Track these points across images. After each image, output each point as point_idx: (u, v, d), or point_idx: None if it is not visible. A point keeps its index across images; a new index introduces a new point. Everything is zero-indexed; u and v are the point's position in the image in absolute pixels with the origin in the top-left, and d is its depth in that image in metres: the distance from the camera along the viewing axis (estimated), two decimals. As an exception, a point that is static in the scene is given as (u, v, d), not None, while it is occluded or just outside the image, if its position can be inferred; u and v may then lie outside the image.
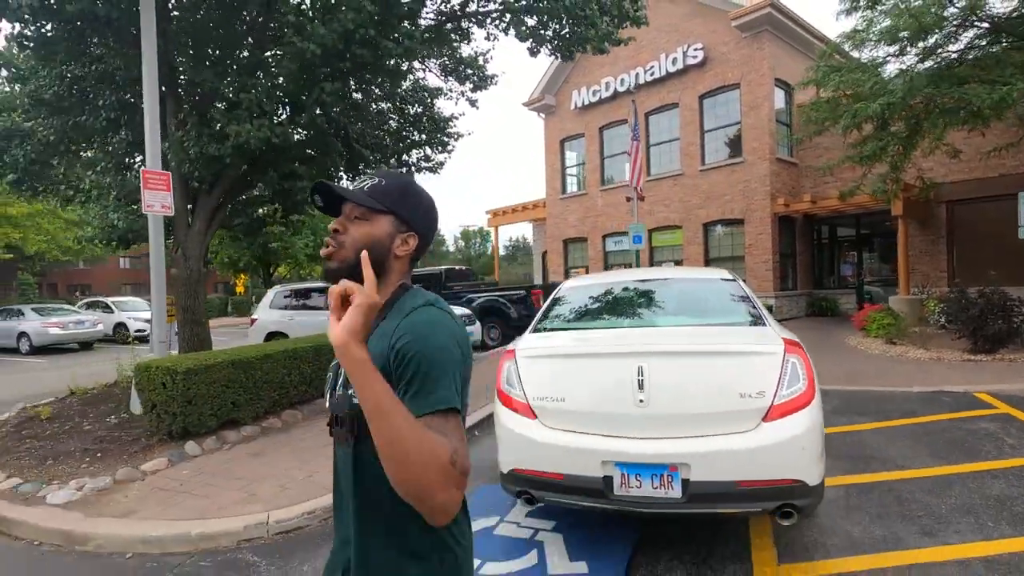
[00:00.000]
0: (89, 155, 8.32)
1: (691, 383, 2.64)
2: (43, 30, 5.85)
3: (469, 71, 9.36)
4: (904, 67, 8.75)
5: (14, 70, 7.51)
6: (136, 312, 19.62)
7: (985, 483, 3.71)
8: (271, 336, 10.37)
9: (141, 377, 4.81)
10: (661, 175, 16.69)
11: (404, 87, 9.54)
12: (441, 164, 10.79)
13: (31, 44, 6.47)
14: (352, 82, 7.35)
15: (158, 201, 5.74)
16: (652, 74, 16.46)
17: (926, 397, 6.06)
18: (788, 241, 15.04)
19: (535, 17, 6.77)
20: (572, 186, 20.15)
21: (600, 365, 2.79)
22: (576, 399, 2.76)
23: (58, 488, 4.01)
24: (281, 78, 6.77)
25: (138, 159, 7.86)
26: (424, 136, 10.27)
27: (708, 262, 15.72)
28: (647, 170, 17.23)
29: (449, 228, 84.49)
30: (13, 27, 6.40)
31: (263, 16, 6.87)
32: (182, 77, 6.95)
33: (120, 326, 18.70)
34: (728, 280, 3.71)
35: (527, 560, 3.01)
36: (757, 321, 3.14)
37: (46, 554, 3.37)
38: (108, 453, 4.68)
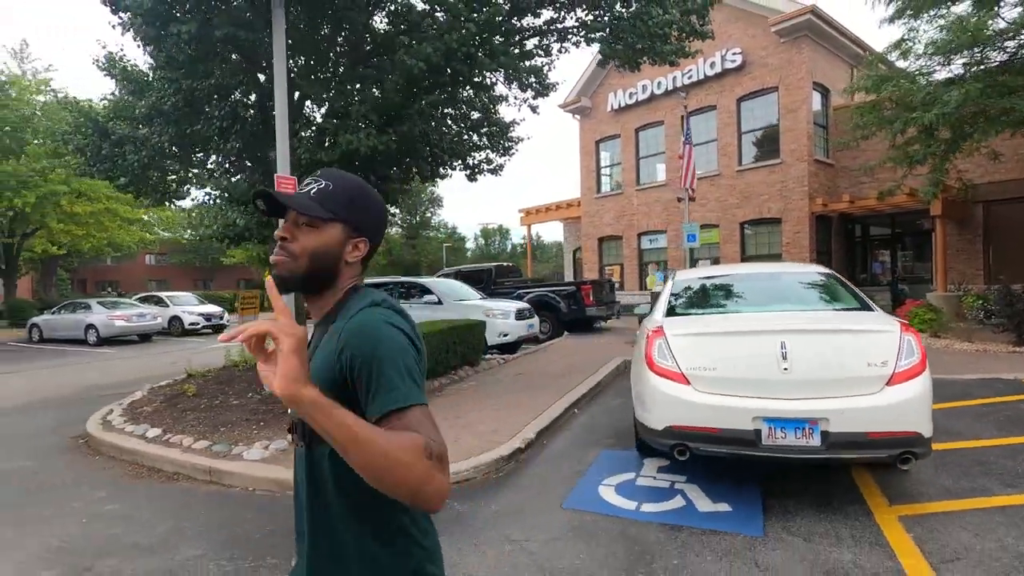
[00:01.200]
0: (199, 158, 9.09)
1: (826, 355, 3.28)
2: (188, 51, 6.56)
3: (532, 79, 10.00)
4: (951, 75, 9.24)
5: (134, 83, 8.27)
6: (188, 306, 20.55)
7: (1052, 449, 4.29)
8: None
9: (296, 357, 5.51)
10: (698, 175, 17.17)
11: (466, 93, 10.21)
12: (501, 167, 11.43)
13: (162, 63, 7.24)
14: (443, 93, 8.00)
15: (288, 203, 6.45)
16: (690, 77, 16.98)
17: (980, 383, 6.60)
18: (824, 239, 15.51)
19: (615, 33, 7.38)
20: (606, 186, 20.73)
21: (749, 341, 3.43)
22: (727, 368, 3.40)
23: (246, 448, 4.72)
24: (382, 91, 7.44)
25: (247, 164, 8.59)
26: (485, 140, 10.92)
27: (744, 260, 16.23)
28: (683, 170, 17.78)
29: (469, 226, 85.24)
30: (146, 48, 7.18)
31: (371, 34, 7.57)
32: (296, 92, 7.67)
33: (175, 319, 19.59)
34: (827, 274, 4.33)
35: (675, 503, 3.66)
36: (865, 307, 3.76)
37: (263, 497, 4.08)
38: (268, 422, 5.41)
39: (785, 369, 3.26)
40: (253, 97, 8.38)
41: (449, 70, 6.94)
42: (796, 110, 14.93)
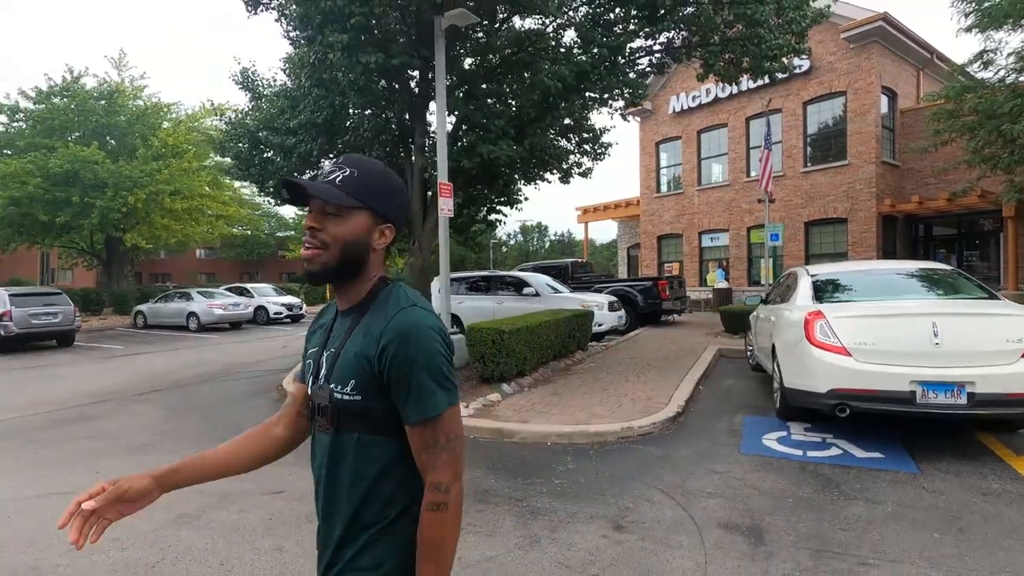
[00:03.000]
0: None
1: (971, 332, 4.13)
2: (339, 61, 7.60)
3: (626, 89, 10.89)
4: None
5: (287, 99, 9.47)
6: (271, 297, 22.08)
7: None
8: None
9: (473, 337, 6.57)
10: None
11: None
12: (591, 170, 12.34)
13: (315, 82, 8.40)
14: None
15: (447, 205, 7.52)
16: (756, 82, 17.53)
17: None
18: (890, 239, 15.97)
19: (723, 53, 8.21)
20: (664, 185, 21.43)
21: (904, 321, 4.31)
22: (886, 342, 4.28)
23: (450, 407, 5.78)
24: (518, 106, 8.45)
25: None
26: (575, 144, 11.84)
27: (808, 259, 16.79)
28: (747, 171, 18.41)
29: (509, 224, 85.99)
30: (298, 70, 8.32)
31: (501, 55, 8.58)
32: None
33: (260, 309, 21.11)
34: (952, 270, 5.15)
35: (834, 451, 4.55)
36: (992, 297, 4.58)
37: (488, 444, 5.11)
38: (450, 389, 6.46)
39: (937, 344, 4.12)
40: (391, 112, 9.50)
41: (583, 87, 7.89)
42: (864, 114, 15.42)
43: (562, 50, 8.62)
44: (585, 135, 11.63)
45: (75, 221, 17.99)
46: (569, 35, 8.91)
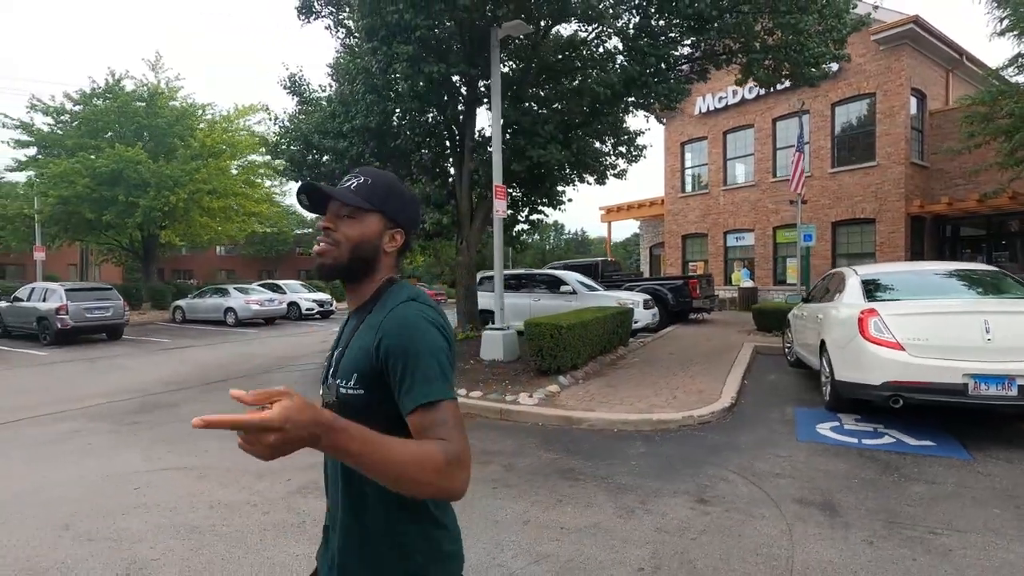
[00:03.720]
0: (390, 167, 10.76)
1: (1021, 329, 4.42)
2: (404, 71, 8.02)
3: (672, 94, 11.19)
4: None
5: (344, 105, 9.92)
6: (302, 294, 22.67)
7: None
8: (481, 313, 12.61)
9: (532, 331, 6.96)
10: (788, 177, 17.95)
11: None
12: (625, 171, 12.68)
13: (368, 89, 8.85)
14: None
15: (501, 206, 7.92)
16: (784, 83, 17.70)
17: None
18: (918, 240, 16.09)
19: (765, 59, 8.50)
20: (689, 185, 21.65)
21: (957, 318, 4.62)
22: (939, 338, 4.59)
23: (515, 397, 6.18)
24: (567, 112, 8.81)
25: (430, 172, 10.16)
26: (611, 146, 12.18)
27: (835, 259, 16.96)
28: (773, 172, 18.60)
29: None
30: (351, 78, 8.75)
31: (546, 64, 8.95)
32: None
33: (293, 305, 21.70)
34: (995, 270, 5.43)
35: (887, 440, 4.87)
36: (1039, 296, 4.87)
37: (558, 430, 5.49)
38: (511, 380, 6.87)
39: (989, 339, 4.43)
40: (441, 117, 9.92)
41: (630, 94, 8.23)
42: (894, 115, 15.55)
43: (606, 57, 8.96)
44: (621, 138, 11.99)
45: (119, 219, 18.67)
46: (612, 42, 9.27)
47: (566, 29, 9.39)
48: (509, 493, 3.92)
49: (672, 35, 8.14)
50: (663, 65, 8.16)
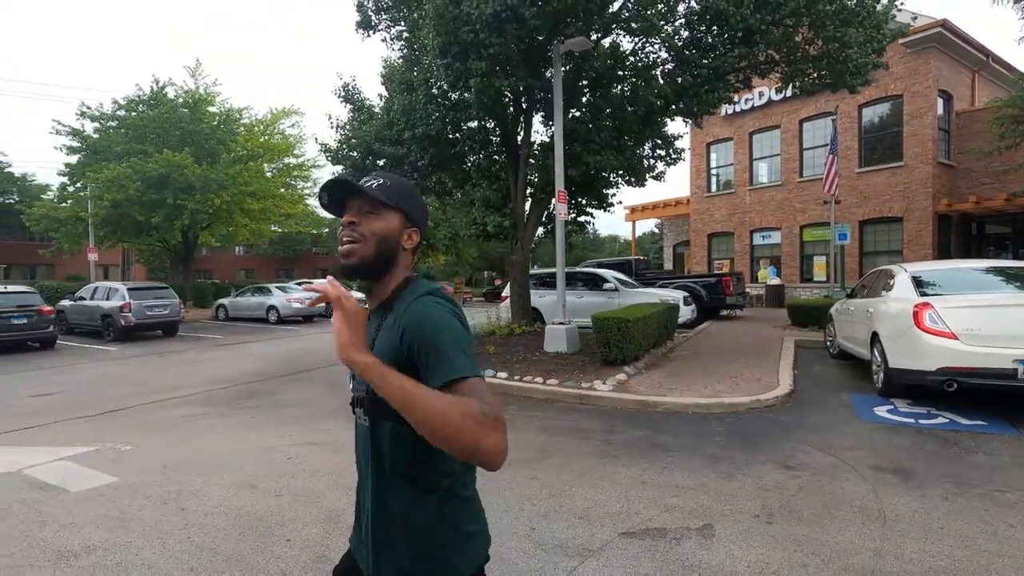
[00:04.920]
0: (448, 172, 11.40)
1: (1066, 320, 4.95)
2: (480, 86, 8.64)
3: (720, 103, 11.67)
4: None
5: (407, 115, 10.56)
6: (336, 292, 23.41)
7: None
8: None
9: (600, 325, 7.55)
10: (815, 176, 18.40)
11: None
12: (663, 173, 13.20)
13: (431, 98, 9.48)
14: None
15: (563, 209, 8.51)
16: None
17: None
18: (944, 237, 16.46)
19: (812, 68, 9.01)
20: (714, 185, 22.12)
21: (1008, 310, 5.15)
22: (990, 328, 5.13)
23: (590, 383, 6.77)
24: (621, 119, 9.39)
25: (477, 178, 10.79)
26: (650, 149, 12.71)
27: (863, 257, 17.38)
28: (800, 172, 19.03)
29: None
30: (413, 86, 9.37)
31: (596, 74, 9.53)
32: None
33: (329, 304, 22.42)
34: (1034, 266, 5.95)
35: (941, 420, 5.41)
36: (1077, 290, 5.39)
37: (636, 413, 6.08)
38: (579, 369, 7.47)
39: (1036, 329, 4.96)
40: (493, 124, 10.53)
41: (681, 103, 8.79)
42: (921, 116, 15.94)
43: (650, 66, 9.52)
44: (660, 141, 12.53)
45: (167, 221, 19.52)
46: (654, 51, 9.82)
47: (623, 41, 9.96)
48: (618, 461, 4.52)
49: (721, 49, 8.67)
50: (712, 75, 8.69)
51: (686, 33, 8.78)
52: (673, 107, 9.01)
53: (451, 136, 10.65)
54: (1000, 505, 3.52)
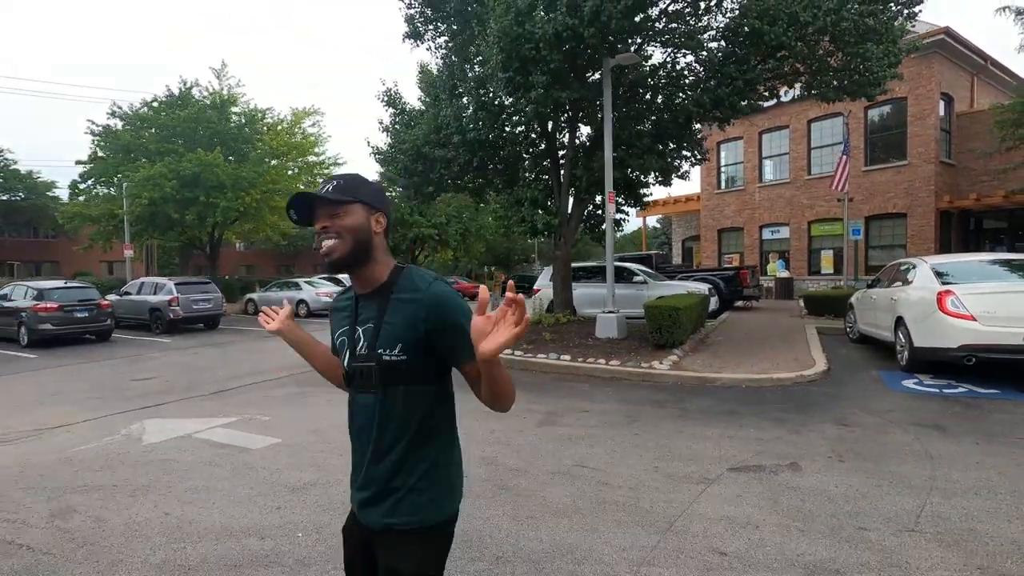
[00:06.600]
0: (493, 173, 12.23)
1: (1068, 303, 5.89)
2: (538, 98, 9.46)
3: (749, 110, 12.49)
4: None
5: (458, 122, 11.36)
6: (358, 286, 24.19)
7: None
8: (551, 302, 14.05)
9: (652, 312, 8.43)
10: (823, 174, 19.36)
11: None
12: (688, 172, 14.06)
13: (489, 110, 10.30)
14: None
15: (612, 210, 9.38)
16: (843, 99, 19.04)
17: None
18: (946, 232, 17.47)
19: (834, 79, 9.88)
20: (724, 182, 23.06)
21: (1018, 296, 6.09)
22: (1006, 311, 6.06)
23: (648, 363, 7.65)
24: (659, 124, 10.25)
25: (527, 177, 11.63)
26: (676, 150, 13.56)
27: (868, 251, 18.37)
28: (808, 169, 19.97)
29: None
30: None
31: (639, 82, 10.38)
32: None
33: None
34: (1039, 259, 6.89)
35: (961, 390, 6.33)
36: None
37: (696, 387, 6.95)
38: (634, 352, 8.35)
39: (1046, 311, 5.89)
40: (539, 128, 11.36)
41: (716, 110, 9.66)
42: (924, 118, 16.91)
43: (683, 75, 10.38)
44: (686, 142, 13.38)
45: (199, 219, 20.22)
46: (686, 62, 10.68)
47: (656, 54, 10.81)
48: (699, 423, 5.41)
49: (753, 62, 9.52)
50: (745, 87, 9.56)
51: (723, 45, 9.64)
52: (709, 114, 9.87)
53: (498, 140, 11.45)
54: (1023, 448, 4.43)
